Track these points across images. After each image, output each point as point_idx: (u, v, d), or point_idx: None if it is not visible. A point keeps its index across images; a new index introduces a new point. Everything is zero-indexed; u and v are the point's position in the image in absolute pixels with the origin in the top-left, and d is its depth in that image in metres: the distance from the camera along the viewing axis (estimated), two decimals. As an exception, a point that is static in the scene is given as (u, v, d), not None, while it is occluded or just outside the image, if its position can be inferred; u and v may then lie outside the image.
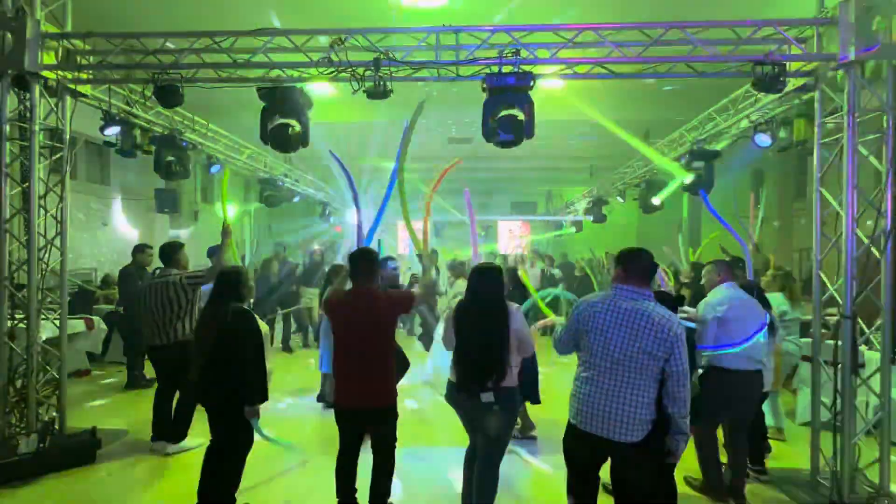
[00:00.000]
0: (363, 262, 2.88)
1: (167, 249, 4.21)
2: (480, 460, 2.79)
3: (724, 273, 3.37)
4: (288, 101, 4.04)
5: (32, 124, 3.85)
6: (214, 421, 2.99)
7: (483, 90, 3.84)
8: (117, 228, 9.75)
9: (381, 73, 3.75)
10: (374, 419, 2.86)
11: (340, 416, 2.88)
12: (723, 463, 3.36)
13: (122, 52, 3.97)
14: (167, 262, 4.17)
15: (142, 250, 6.03)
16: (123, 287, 6.08)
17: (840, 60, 3.38)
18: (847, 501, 3.27)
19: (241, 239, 10.42)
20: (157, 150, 5.88)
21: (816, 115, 3.74)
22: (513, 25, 3.85)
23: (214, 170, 7.36)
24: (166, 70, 3.89)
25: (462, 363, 2.74)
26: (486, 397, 2.66)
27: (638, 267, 2.34)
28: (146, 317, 4.02)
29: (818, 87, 3.71)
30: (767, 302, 3.58)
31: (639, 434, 2.18)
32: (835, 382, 3.43)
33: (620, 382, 2.21)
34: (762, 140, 5.17)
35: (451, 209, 9.77)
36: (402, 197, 3.94)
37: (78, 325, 6.14)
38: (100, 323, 6.54)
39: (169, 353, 3.97)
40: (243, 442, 3.00)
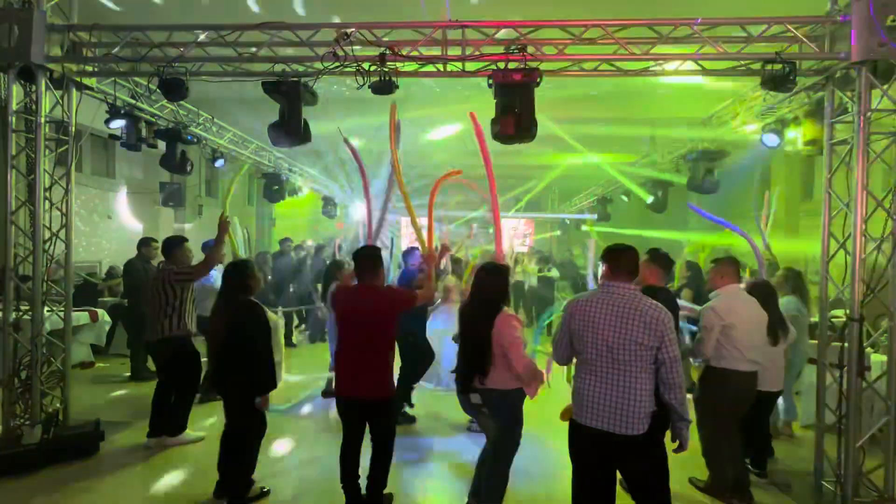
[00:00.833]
0: (367, 259, 2.97)
1: (168, 244, 4.23)
2: (488, 458, 2.83)
3: (728, 275, 3.32)
4: (293, 95, 4.03)
5: (38, 116, 3.86)
6: (228, 409, 3.14)
7: (489, 86, 3.81)
8: (122, 221, 9.78)
9: (386, 67, 3.73)
10: (371, 410, 2.93)
11: (340, 405, 2.97)
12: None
13: (128, 45, 3.97)
14: (167, 257, 4.19)
15: (147, 244, 6.04)
16: (128, 280, 6.11)
17: (852, 60, 3.33)
18: (851, 505, 3.26)
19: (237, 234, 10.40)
20: (166, 145, 5.90)
21: (826, 115, 3.70)
22: (519, 21, 3.82)
23: (219, 164, 7.36)
24: (171, 63, 3.88)
25: (458, 361, 2.81)
26: (474, 398, 2.75)
27: (623, 264, 2.37)
28: (146, 312, 4.11)
29: (828, 87, 3.66)
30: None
31: (641, 426, 2.20)
32: (840, 385, 3.40)
33: (618, 376, 2.23)
34: (770, 140, 5.11)
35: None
36: (406, 201, 3.90)
37: (82, 317, 6.18)
38: (104, 315, 6.58)
39: (159, 348, 4.02)
40: (256, 429, 3.14)
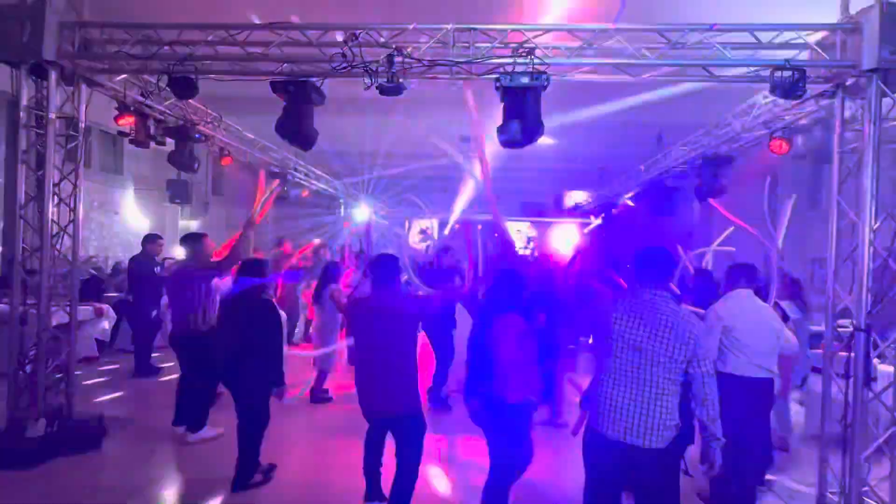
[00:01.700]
0: (385, 267, 2.88)
1: (189, 240, 4.30)
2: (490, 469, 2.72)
3: (738, 278, 3.26)
4: (301, 95, 4.04)
5: (48, 112, 3.89)
6: (236, 402, 3.26)
7: (496, 89, 3.81)
8: (129, 218, 9.85)
9: (394, 69, 3.74)
10: (397, 425, 2.82)
11: (368, 418, 2.89)
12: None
13: (138, 42, 4.00)
14: (189, 253, 4.25)
15: (152, 240, 6.08)
16: (133, 276, 6.14)
17: (863, 68, 3.31)
18: (855, 518, 3.23)
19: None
20: (175, 142, 5.93)
21: (836, 123, 3.67)
22: (528, 25, 3.82)
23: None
24: (181, 61, 3.91)
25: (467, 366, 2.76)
26: (472, 406, 2.69)
27: (652, 267, 2.27)
28: (172, 305, 4.18)
29: (839, 95, 3.64)
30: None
31: (666, 440, 2.15)
32: (846, 396, 3.37)
33: (644, 387, 2.16)
34: (778, 147, 5.08)
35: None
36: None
37: (88, 312, 6.23)
38: (109, 311, 6.62)
39: (187, 343, 4.07)
40: (265, 420, 3.28)
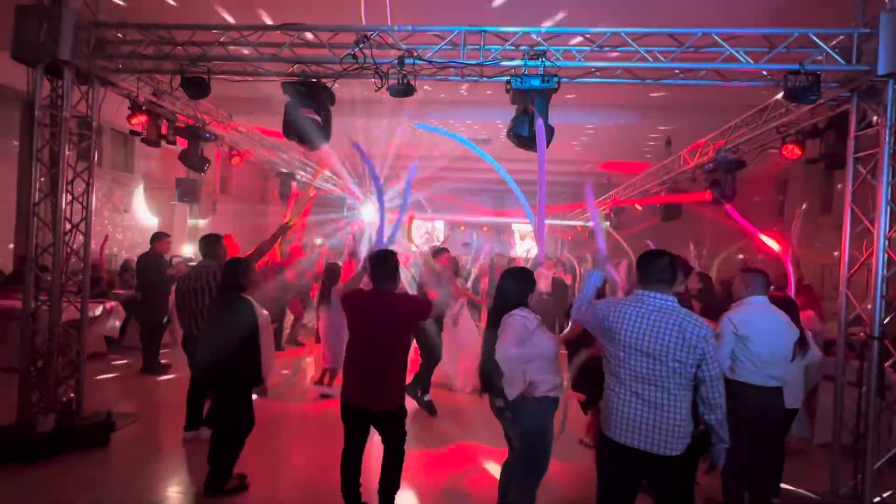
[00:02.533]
0: (385, 264, 2.88)
1: (206, 241, 4.26)
2: (515, 471, 2.70)
3: (755, 285, 3.15)
4: (312, 96, 4.07)
5: (63, 111, 3.94)
6: (219, 404, 3.22)
7: (507, 91, 3.81)
8: (138, 216, 9.95)
9: (405, 71, 3.75)
10: (379, 420, 2.86)
11: (346, 411, 2.87)
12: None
13: (152, 43, 4.04)
14: (206, 254, 4.20)
15: (160, 238, 6.12)
16: (142, 273, 6.19)
17: (879, 72, 3.27)
18: (867, 528, 3.18)
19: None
20: (187, 142, 5.99)
21: (850, 129, 3.63)
22: (539, 28, 3.82)
23: None
24: (194, 62, 3.94)
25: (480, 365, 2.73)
26: (498, 402, 2.62)
27: (657, 270, 2.25)
28: (182, 307, 4.07)
29: (854, 99, 3.60)
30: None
31: (679, 447, 2.12)
32: (858, 405, 3.33)
33: (654, 392, 2.14)
34: (790, 151, 5.04)
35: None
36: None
37: (98, 309, 6.29)
38: (118, 307, 6.68)
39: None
40: (247, 424, 3.22)
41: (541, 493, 2.72)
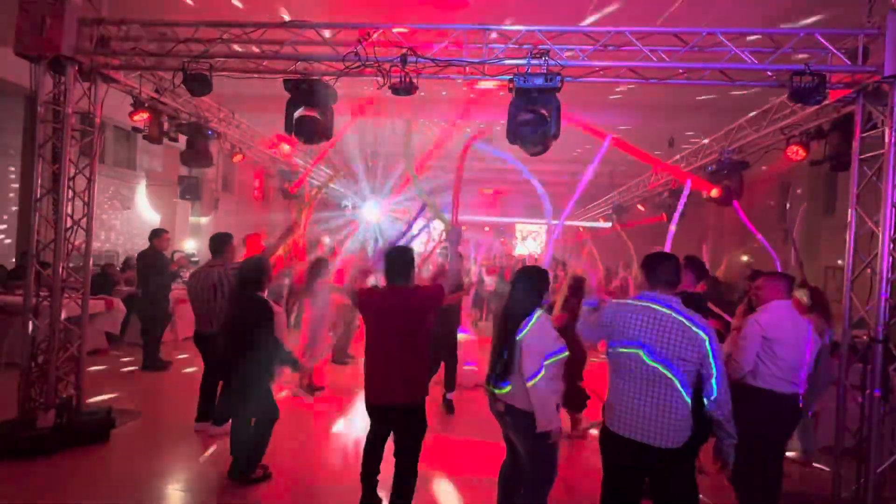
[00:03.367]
0: (399, 260, 2.88)
1: (217, 240, 4.32)
2: (522, 476, 2.62)
3: (779, 290, 3.02)
4: (313, 94, 4.06)
5: (66, 107, 3.94)
6: (239, 400, 3.29)
7: (510, 90, 3.79)
8: (140, 212, 9.96)
9: (407, 68, 3.73)
10: (400, 417, 2.82)
11: (371, 411, 2.89)
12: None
13: (154, 39, 4.03)
14: (216, 253, 4.27)
15: (159, 235, 6.15)
16: (142, 270, 6.21)
17: (885, 73, 3.25)
18: (869, 533, 3.16)
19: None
20: (188, 139, 5.99)
21: (856, 130, 3.60)
22: (543, 26, 3.79)
23: None
24: (196, 59, 3.94)
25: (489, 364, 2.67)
26: (498, 405, 2.58)
27: (661, 271, 2.30)
28: (194, 304, 4.15)
29: (859, 101, 3.58)
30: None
31: (679, 440, 2.18)
32: (862, 409, 3.31)
33: (657, 389, 2.19)
34: (794, 153, 5.01)
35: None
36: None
37: (98, 305, 6.29)
38: (119, 304, 6.69)
39: (213, 340, 4.03)
40: (270, 415, 3.33)
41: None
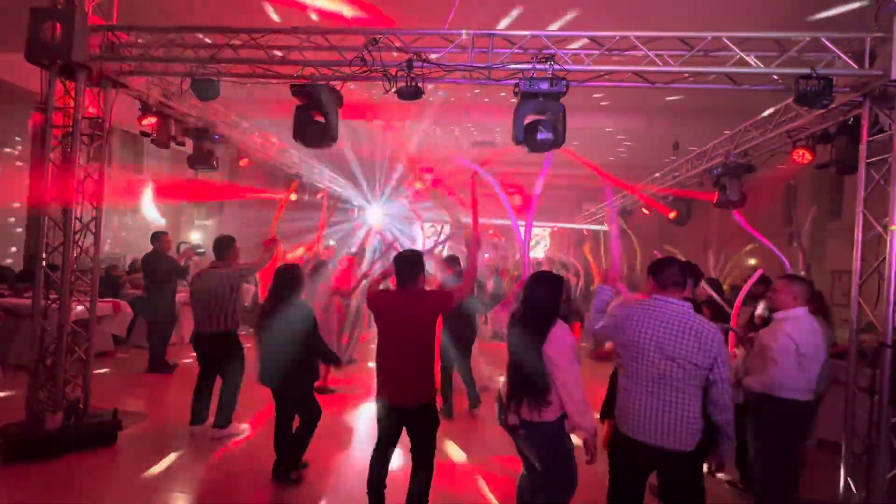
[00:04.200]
0: (408, 264, 2.91)
1: (220, 243, 4.37)
2: (539, 491, 2.55)
3: (799, 295, 2.89)
4: (320, 98, 4.08)
5: (76, 112, 3.99)
6: (286, 401, 3.44)
7: (515, 94, 3.81)
8: (147, 216, 10.04)
9: (413, 73, 3.76)
10: (412, 417, 2.84)
11: (383, 412, 2.89)
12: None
13: (162, 45, 4.08)
14: (220, 255, 4.31)
15: (159, 237, 6.22)
16: (146, 273, 6.26)
17: (891, 77, 3.24)
18: (878, 539, 3.12)
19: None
20: (194, 143, 6.03)
21: (863, 133, 3.59)
22: (548, 31, 3.81)
23: None
24: (204, 64, 3.98)
25: (506, 377, 2.59)
26: (513, 419, 2.49)
27: (670, 276, 2.33)
28: (195, 305, 4.19)
29: (866, 104, 3.57)
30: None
31: (691, 442, 2.20)
32: (870, 414, 3.28)
33: (668, 392, 2.21)
34: (800, 156, 4.98)
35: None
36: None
37: (105, 307, 6.34)
38: (125, 306, 6.74)
39: (215, 341, 4.13)
40: (315, 414, 3.46)
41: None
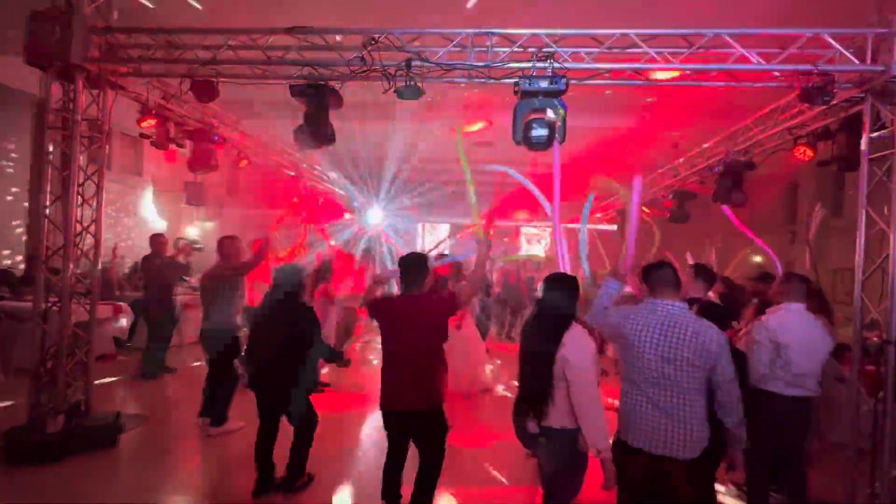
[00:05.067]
0: (413, 269, 2.88)
1: (223, 242, 4.52)
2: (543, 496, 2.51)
3: (793, 291, 2.97)
4: (319, 99, 4.07)
5: (75, 115, 3.97)
6: (274, 407, 3.27)
7: (515, 93, 3.79)
8: (146, 218, 10.03)
9: (412, 73, 3.75)
10: (417, 423, 2.81)
11: (387, 419, 2.86)
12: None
13: (161, 47, 4.07)
14: (222, 254, 4.47)
15: (155, 239, 6.24)
16: (146, 275, 6.27)
17: (892, 72, 3.23)
18: (884, 537, 3.11)
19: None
20: (194, 146, 6.03)
21: (865, 130, 3.58)
22: (547, 29, 3.80)
23: None
24: (203, 65, 3.97)
25: (519, 383, 2.55)
26: (532, 427, 2.43)
27: (663, 279, 2.31)
28: (202, 304, 4.38)
29: (867, 100, 3.55)
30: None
31: (696, 450, 2.14)
32: (875, 411, 3.26)
33: (670, 397, 2.16)
34: (801, 153, 4.97)
35: None
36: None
37: (106, 310, 6.33)
38: (127, 309, 6.73)
39: (213, 338, 4.25)
40: (311, 422, 3.37)
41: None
